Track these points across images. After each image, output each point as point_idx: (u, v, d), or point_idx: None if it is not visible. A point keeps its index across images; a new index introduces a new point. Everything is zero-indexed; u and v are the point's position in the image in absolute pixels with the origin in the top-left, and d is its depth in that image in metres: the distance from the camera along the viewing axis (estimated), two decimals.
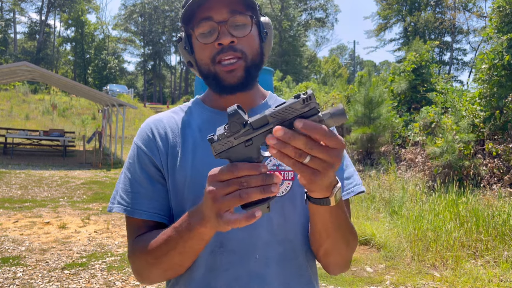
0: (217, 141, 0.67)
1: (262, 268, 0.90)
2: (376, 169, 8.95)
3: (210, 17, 0.88)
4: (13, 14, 48.10)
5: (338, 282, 3.98)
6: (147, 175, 0.93)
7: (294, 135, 0.61)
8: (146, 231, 0.91)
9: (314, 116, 0.63)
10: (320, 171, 0.64)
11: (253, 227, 0.89)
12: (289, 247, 0.92)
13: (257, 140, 0.66)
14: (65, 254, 4.56)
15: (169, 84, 63.27)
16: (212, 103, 1.00)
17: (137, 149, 0.96)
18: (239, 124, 0.66)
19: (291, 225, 0.92)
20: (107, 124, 14.58)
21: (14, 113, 23.39)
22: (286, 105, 0.63)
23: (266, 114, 0.65)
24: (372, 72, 11.16)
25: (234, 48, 0.88)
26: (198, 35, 0.90)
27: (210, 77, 0.92)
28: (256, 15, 0.93)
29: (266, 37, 0.96)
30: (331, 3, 55.15)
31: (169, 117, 1.00)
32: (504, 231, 4.75)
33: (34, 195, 7.69)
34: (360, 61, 64.89)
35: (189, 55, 0.95)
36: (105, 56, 49.94)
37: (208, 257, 0.90)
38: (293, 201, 0.92)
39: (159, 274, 0.89)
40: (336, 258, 0.94)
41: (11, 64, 12.00)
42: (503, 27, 7.88)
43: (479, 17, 39.37)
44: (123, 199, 0.93)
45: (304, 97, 0.62)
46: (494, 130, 7.49)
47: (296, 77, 42.41)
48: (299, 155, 0.62)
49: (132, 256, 0.92)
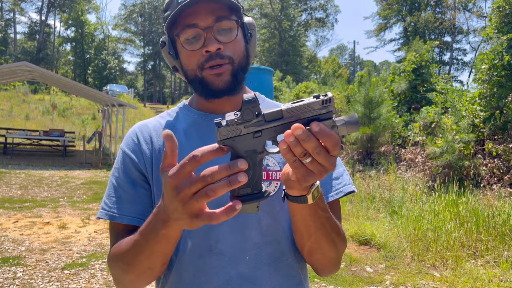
0: (225, 126, 0.64)
1: (253, 271, 0.89)
2: (376, 169, 8.95)
3: (195, 24, 0.87)
4: (13, 14, 48.12)
5: (338, 282, 3.98)
6: (130, 179, 0.93)
7: (309, 136, 0.61)
8: (127, 236, 0.89)
9: (329, 120, 0.62)
10: (315, 174, 0.64)
11: (243, 228, 0.89)
12: (278, 248, 0.92)
13: (267, 133, 0.64)
14: (65, 254, 4.56)
15: (169, 84, 63.27)
16: (199, 106, 1.00)
17: (122, 154, 0.96)
18: (253, 113, 0.63)
19: (280, 225, 0.92)
20: (107, 124, 14.58)
21: (14, 113, 23.38)
22: (304, 103, 0.62)
23: (282, 109, 0.63)
24: (372, 72, 11.16)
25: (221, 55, 0.87)
26: (183, 42, 0.89)
27: (197, 81, 0.91)
28: (240, 17, 0.93)
29: (250, 39, 0.95)
30: (331, 3, 55.10)
31: (156, 121, 1.00)
32: (504, 231, 4.75)
33: (34, 195, 7.69)
34: (360, 61, 64.87)
35: (174, 59, 0.95)
36: (105, 56, 49.93)
37: (197, 261, 0.89)
38: (280, 201, 0.91)
39: (133, 280, 0.86)
40: (320, 257, 0.92)
41: (11, 64, 12.00)
42: (503, 27, 7.88)
43: (479, 17, 39.38)
44: (106, 204, 0.93)
45: (324, 99, 0.61)
46: (494, 130, 7.49)
47: (296, 77, 42.41)
48: (303, 155, 0.62)
49: (109, 262, 0.90)
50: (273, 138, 0.65)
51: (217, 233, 0.88)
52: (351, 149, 10.22)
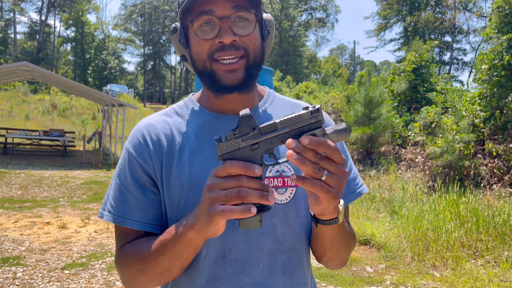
0: (224, 141, 0.68)
1: (266, 278, 0.87)
2: (376, 169, 8.94)
3: (211, 10, 0.81)
4: (13, 14, 48.09)
5: (338, 282, 3.98)
6: (138, 183, 0.89)
7: (305, 148, 0.64)
8: (135, 238, 0.89)
9: (319, 128, 0.67)
10: (337, 184, 0.67)
11: (257, 235, 0.87)
12: (293, 256, 0.90)
13: (263, 145, 0.68)
14: (65, 254, 4.55)
15: (169, 84, 63.26)
16: (209, 104, 0.94)
17: (128, 156, 0.91)
18: (249, 126, 0.67)
19: (295, 233, 0.90)
20: (107, 124, 14.57)
21: (14, 113, 23.38)
22: (294, 115, 0.67)
23: (275, 121, 0.68)
24: (372, 72, 11.15)
25: (237, 46, 0.82)
26: (196, 29, 0.84)
27: (206, 74, 0.86)
28: (260, 12, 0.88)
29: (267, 36, 0.90)
30: (332, 3, 55.12)
31: (163, 121, 0.93)
32: (504, 231, 4.74)
33: (34, 195, 7.69)
34: (360, 61, 64.86)
35: (184, 48, 0.89)
36: (105, 56, 49.91)
37: (210, 267, 0.87)
38: (296, 208, 0.90)
39: (147, 281, 0.86)
40: (337, 261, 0.96)
41: (11, 64, 12.00)
42: (503, 27, 7.88)
43: (479, 17, 39.36)
44: (112, 208, 0.89)
45: (313, 109, 0.67)
46: (494, 130, 7.49)
47: (296, 77, 42.42)
48: (317, 170, 0.64)
49: (121, 263, 0.89)
50: (269, 150, 0.69)
51: (231, 240, 0.86)
52: (351, 149, 10.21)
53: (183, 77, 58.41)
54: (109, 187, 0.94)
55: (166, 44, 56.43)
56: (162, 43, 56.03)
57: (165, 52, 57.15)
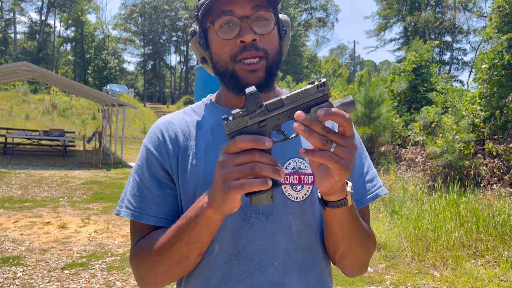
0: (232, 120, 0.67)
1: (281, 277, 0.86)
2: (376, 169, 8.93)
3: (232, 11, 0.83)
4: (13, 14, 48.10)
5: (338, 282, 3.98)
6: (156, 179, 0.90)
7: (313, 120, 0.64)
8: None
9: (326, 102, 0.67)
10: (347, 156, 0.66)
11: (272, 233, 0.86)
12: (309, 255, 0.89)
13: (271, 121, 0.68)
14: (65, 254, 4.55)
15: (169, 84, 63.24)
16: (227, 103, 0.95)
17: (146, 152, 0.92)
18: (256, 104, 0.67)
19: (311, 231, 0.89)
20: (107, 124, 14.58)
21: (14, 113, 23.39)
22: (300, 90, 0.67)
23: (281, 97, 0.68)
24: (372, 72, 11.15)
25: (257, 46, 0.84)
26: (217, 30, 0.85)
27: (228, 75, 0.87)
28: (277, 12, 0.90)
29: (285, 36, 0.92)
30: (332, 3, 55.13)
31: (180, 118, 0.95)
32: (504, 231, 4.74)
33: (34, 195, 7.69)
34: (360, 61, 64.85)
35: (204, 50, 0.91)
36: (105, 56, 49.92)
37: (224, 265, 0.86)
38: (313, 206, 0.89)
39: (164, 273, 0.85)
40: (352, 260, 0.92)
41: (11, 64, 12.00)
42: (503, 27, 7.88)
43: (479, 17, 39.36)
44: (130, 203, 0.90)
45: (319, 83, 0.66)
46: (494, 130, 7.49)
47: (296, 77, 42.39)
48: (325, 142, 0.64)
49: (135, 259, 0.89)
50: (277, 126, 0.69)
51: (245, 238, 0.86)
52: None
53: (183, 77, 58.41)
54: (127, 184, 0.95)
55: (166, 44, 56.44)
56: (162, 43, 56.02)
57: (165, 52, 57.16)
